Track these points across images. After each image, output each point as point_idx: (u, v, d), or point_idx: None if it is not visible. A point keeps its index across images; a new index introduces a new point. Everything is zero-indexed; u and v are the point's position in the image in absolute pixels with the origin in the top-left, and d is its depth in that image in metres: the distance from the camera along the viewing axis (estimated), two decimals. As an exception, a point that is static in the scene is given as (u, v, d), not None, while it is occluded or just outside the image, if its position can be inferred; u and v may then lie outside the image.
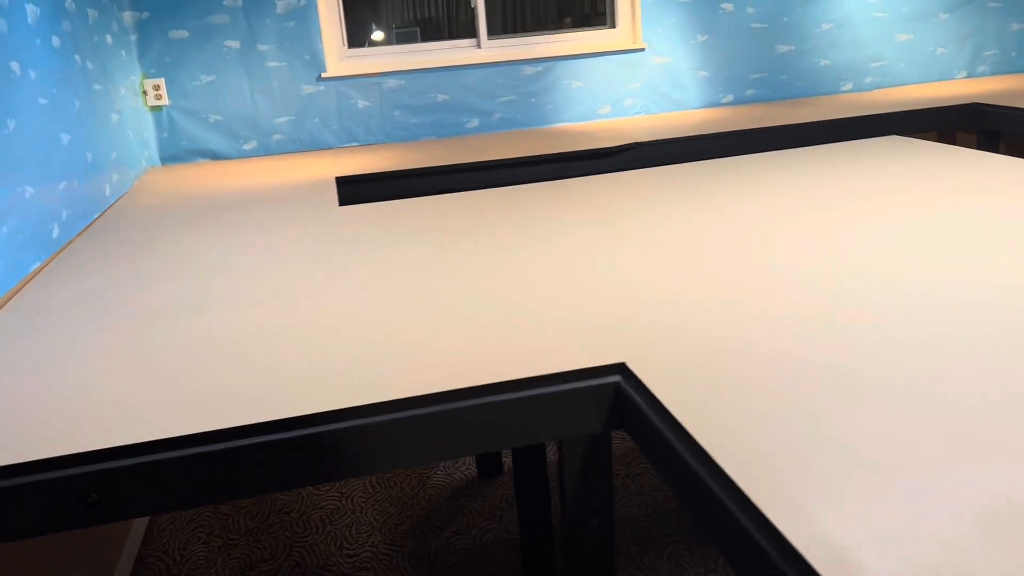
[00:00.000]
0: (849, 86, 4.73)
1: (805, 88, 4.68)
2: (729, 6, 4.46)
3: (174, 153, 4.07)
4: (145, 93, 3.97)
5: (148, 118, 4.00)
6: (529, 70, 4.32)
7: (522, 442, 1.40)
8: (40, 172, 2.48)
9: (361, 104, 4.19)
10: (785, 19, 4.55)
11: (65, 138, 2.74)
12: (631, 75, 4.44)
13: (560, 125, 4.40)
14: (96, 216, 2.95)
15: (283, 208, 2.86)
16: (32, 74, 2.55)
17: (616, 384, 1.40)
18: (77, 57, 3.03)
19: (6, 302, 2.07)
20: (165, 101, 4.00)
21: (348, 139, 4.22)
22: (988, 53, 4.86)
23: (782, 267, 1.85)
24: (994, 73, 4.90)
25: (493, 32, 4.36)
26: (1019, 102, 3.87)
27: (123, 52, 3.74)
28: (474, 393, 1.38)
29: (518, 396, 1.39)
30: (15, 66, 2.42)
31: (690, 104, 4.55)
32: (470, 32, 4.36)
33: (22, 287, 2.18)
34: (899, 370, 1.31)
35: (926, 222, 2.11)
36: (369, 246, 2.26)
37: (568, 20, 4.57)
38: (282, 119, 4.13)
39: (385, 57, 4.26)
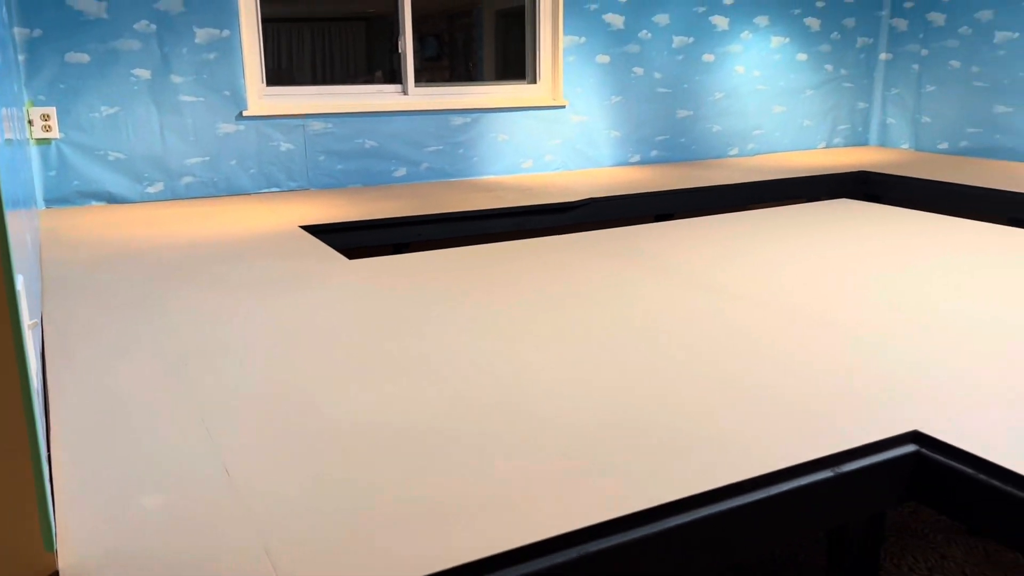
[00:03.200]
0: (735, 151, 4.87)
1: (699, 151, 4.76)
2: (640, 70, 4.45)
3: (62, 195, 3.35)
4: (31, 123, 3.24)
5: (32, 152, 3.27)
6: (458, 120, 4.04)
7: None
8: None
9: (284, 147, 3.69)
10: (686, 86, 4.61)
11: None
12: (552, 131, 4.28)
13: (487, 177, 4.14)
14: None
15: (273, 260, 2.37)
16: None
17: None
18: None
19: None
20: (55, 134, 3.28)
21: (267, 184, 3.70)
22: (842, 127, 5.22)
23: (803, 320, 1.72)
24: (846, 144, 5.27)
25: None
26: (888, 169, 4.15)
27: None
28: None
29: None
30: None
31: (603, 162, 4.47)
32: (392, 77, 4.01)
33: None
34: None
35: (895, 274, 2.09)
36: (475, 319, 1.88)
37: (379, 73, 4.35)
38: (195, 160, 3.54)
39: (310, 98, 3.79)
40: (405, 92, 3.98)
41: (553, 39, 4.21)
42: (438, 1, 4.32)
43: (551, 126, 4.26)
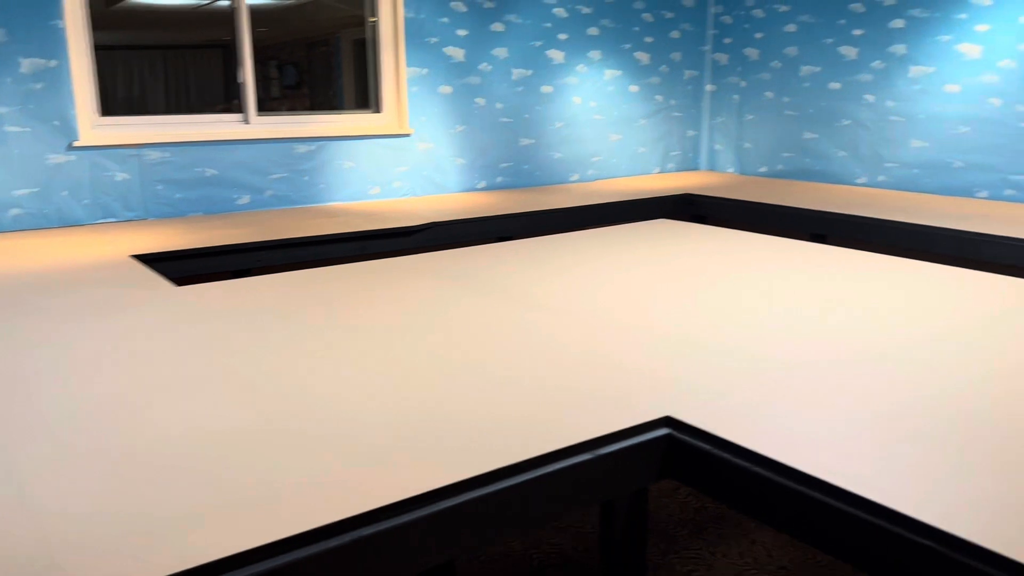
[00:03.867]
0: (576, 176, 5.12)
1: (543, 177, 4.97)
2: (482, 101, 4.63)
3: None
4: None
5: None
6: (302, 148, 4.07)
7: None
8: None
9: (119, 176, 3.62)
10: (527, 115, 4.83)
11: None
12: (399, 159, 4.39)
13: (334, 204, 4.19)
14: None
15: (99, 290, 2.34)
16: None
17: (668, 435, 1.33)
18: None
19: None
20: None
21: (103, 215, 3.61)
22: (674, 153, 5.59)
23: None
24: (678, 169, 5.64)
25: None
26: (712, 192, 4.49)
27: None
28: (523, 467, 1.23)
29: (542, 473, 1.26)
30: None
31: (450, 188, 4.60)
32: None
33: None
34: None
35: (712, 287, 2.34)
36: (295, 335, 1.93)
37: (236, 101, 4.40)
38: (22, 191, 3.42)
39: (146, 128, 3.74)
40: (247, 121, 3.98)
41: (396, 70, 4.32)
42: (297, 29, 4.36)
43: (398, 153, 4.37)
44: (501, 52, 4.63)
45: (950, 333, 1.91)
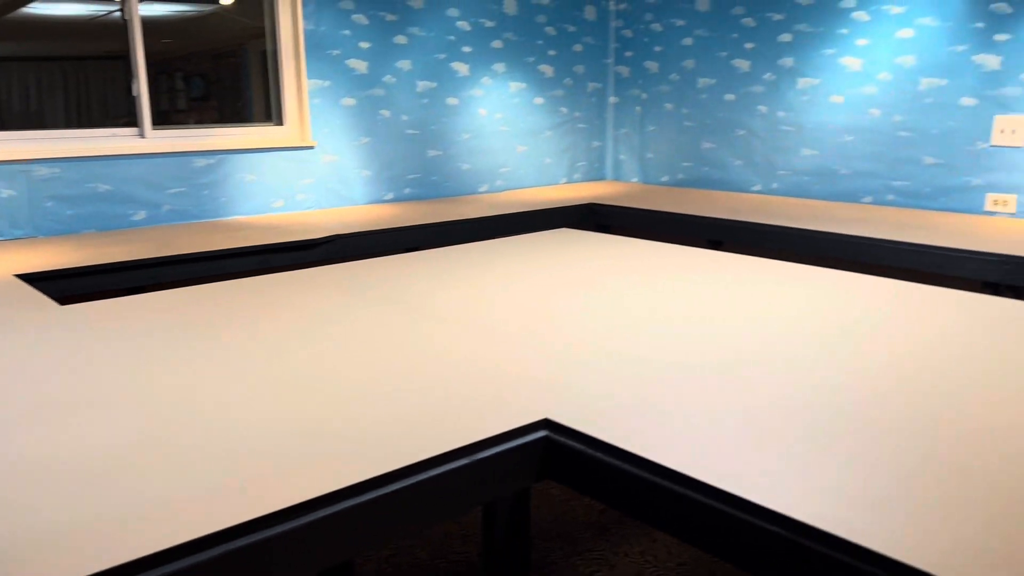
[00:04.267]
0: (486, 187, 5.17)
1: (452, 188, 5.00)
2: (387, 112, 4.63)
3: None
4: None
5: None
6: (201, 162, 3.99)
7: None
8: None
9: (5, 193, 3.48)
10: (434, 127, 4.85)
11: None
12: (303, 171, 4.35)
13: (235, 218, 4.12)
14: None
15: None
16: None
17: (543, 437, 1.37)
18: None
19: None
20: None
21: (-13, 233, 3.46)
22: (580, 163, 5.70)
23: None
24: (585, 180, 5.75)
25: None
26: (617, 201, 4.61)
27: None
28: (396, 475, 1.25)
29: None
30: None
31: (357, 200, 4.58)
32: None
33: None
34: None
35: (606, 294, 2.42)
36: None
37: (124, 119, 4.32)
38: None
39: (35, 143, 3.60)
40: (142, 135, 3.88)
41: (297, 82, 4.29)
42: (203, 41, 4.27)
43: (301, 166, 4.33)
44: (405, 64, 4.64)
45: (828, 334, 2.02)
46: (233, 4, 4.26)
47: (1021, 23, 3.81)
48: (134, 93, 3.87)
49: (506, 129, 5.20)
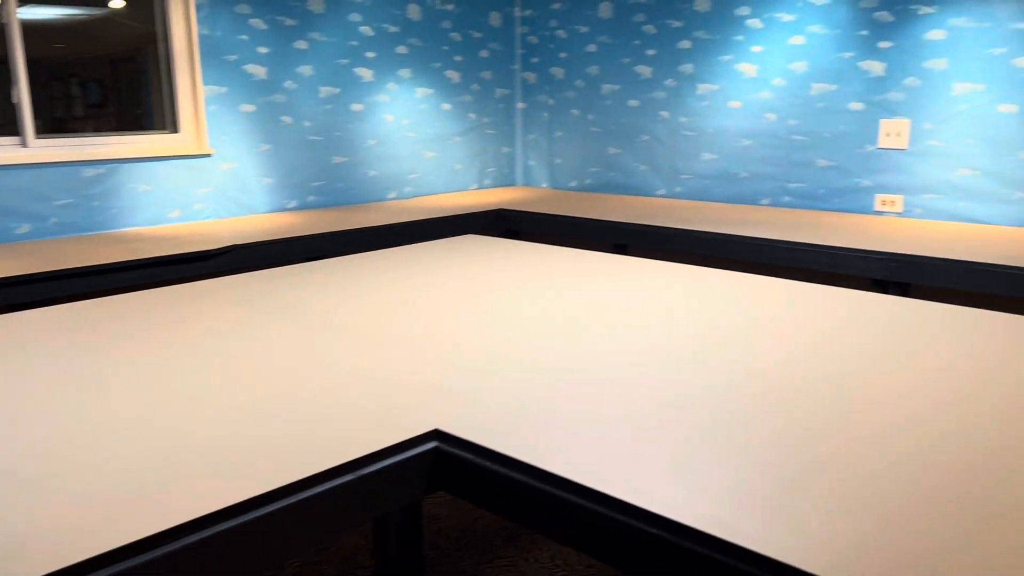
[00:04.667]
0: (394, 194, 5.12)
1: (358, 195, 4.93)
2: (288, 119, 4.53)
3: None
4: None
5: None
6: (90, 172, 3.82)
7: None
8: None
9: None
10: (338, 134, 4.77)
11: None
12: (200, 180, 4.21)
13: (128, 229, 3.95)
14: None
15: None
16: None
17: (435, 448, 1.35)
18: None
19: None
20: None
21: None
22: (490, 169, 5.70)
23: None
24: (495, 185, 5.76)
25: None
26: (527, 207, 4.63)
27: None
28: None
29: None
30: None
31: (259, 208, 4.47)
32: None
33: None
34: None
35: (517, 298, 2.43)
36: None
37: (38, 122, 4.15)
38: None
39: (-99, 152, 3.38)
40: (24, 144, 3.69)
41: (192, 88, 4.16)
42: (98, 45, 4.08)
43: (198, 174, 4.19)
44: (306, 70, 4.56)
45: (722, 335, 2.06)
46: (124, 8, 4.10)
47: (902, 31, 4.00)
48: (14, 100, 3.68)
49: (413, 135, 5.16)
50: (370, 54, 4.84)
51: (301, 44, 4.51)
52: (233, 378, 1.70)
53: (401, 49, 4.99)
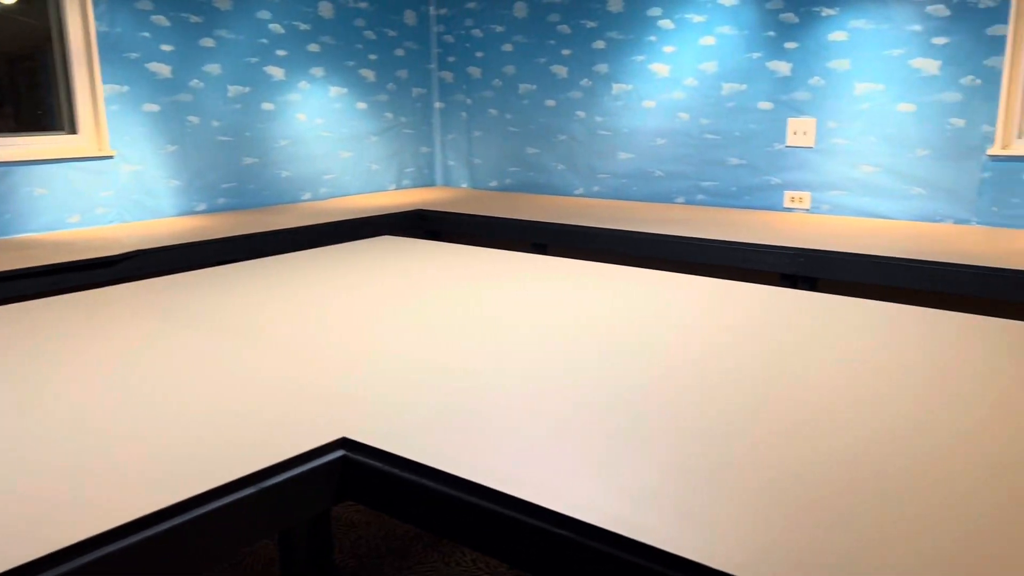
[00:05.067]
0: (308, 195, 5.01)
1: (271, 197, 4.81)
2: (195, 119, 4.39)
3: None
4: None
5: None
6: (-21, 175, 3.62)
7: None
8: None
9: None
10: (248, 134, 4.65)
11: None
12: (102, 183, 4.03)
13: (23, 236, 3.76)
14: None
15: None
16: None
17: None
18: None
19: None
20: None
21: None
22: (409, 169, 5.65)
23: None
24: (414, 186, 5.71)
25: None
26: (446, 207, 4.61)
27: None
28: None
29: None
30: None
31: (165, 212, 4.31)
32: None
33: None
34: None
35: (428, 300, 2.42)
36: None
37: None
38: None
39: None
40: (-95, 145, 3.47)
41: (91, 88, 3.98)
42: None
43: (100, 177, 4.02)
44: (213, 68, 4.42)
45: (638, 334, 2.08)
46: (15, 3, 3.89)
47: (806, 32, 4.13)
48: None
49: (328, 135, 5.06)
50: (281, 52, 4.72)
51: (207, 42, 4.37)
52: (132, 388, 1.62)
53: (313, 47, 4.89)
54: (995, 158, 3.73)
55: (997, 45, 3.64)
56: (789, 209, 4.33)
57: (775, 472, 1.26)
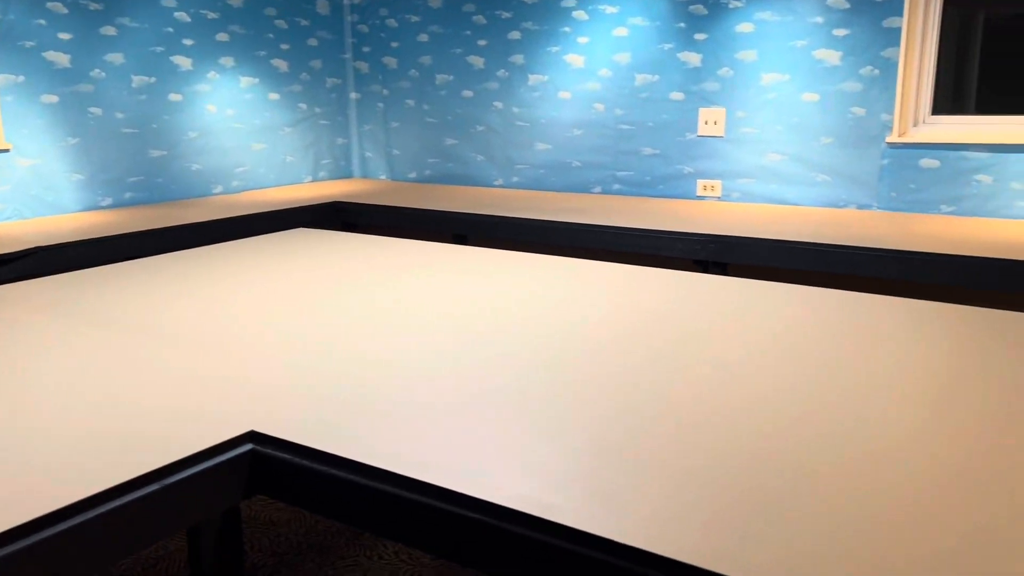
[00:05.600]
0: (220, 189, 4.89)
1: (181, 191, 4.67)
2: (98, 111, 4.22)
3: None
4: None
5: None
6: None
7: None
8: None
9: None
10: (155, 126, 4.50)
11: None
12: (-4, 177, 3.85)
13: (-89, 234, 3.56)
14: None
15: None
16: None
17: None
18: None
19: None
20: None
21: None
22: (325, 161, 5.56)
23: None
24: (331, 178, 5.62)
25: None
26: (364, 199, 4.56)
27: None
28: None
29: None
30: None
31: (68, 207, 4.14)
32: None
33: None
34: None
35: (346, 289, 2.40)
36: None
37: None
38: None
39: None
40: None
41: (-18, 77, 3.79)
42: None
43: (-6, 172, 3.83)
44: (116, 58, 4.26)
45: (552, 320, 2.10)
46: None
47: (715, 24, 4.23)
48: None
49: (240, 126, 4.94)
50: (188, 41, 4.58)
51: (109, 30, 4.21)
52: (32, 386, 1.56)
53: (222, 36, 4.76)
54: (893, 145, 3.90)
55: (893, 37, 3.81)
56: (701, 197, 4.44)
57: (687, 452, 1.30)
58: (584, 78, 4.68)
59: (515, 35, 4.87)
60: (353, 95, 5.65)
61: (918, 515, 1.09)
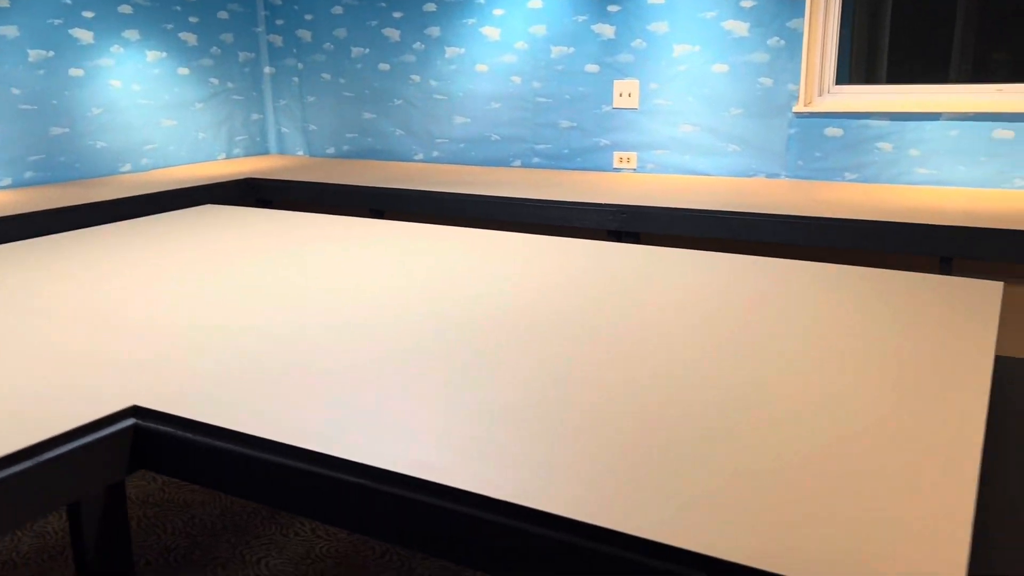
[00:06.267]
0: (128, 167, 4.73)
1: (86, 169, 4.51)
2: (-8, 85, 4.03)
3: None
4: None
5: None
6: None
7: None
8: None
9: None
10: (55, 102, 4.32)
11: None
12: None
13: None
14: None
15: None
16: None
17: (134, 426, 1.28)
18: None
19: None
20: None
21: None
22: (240, 137, 5.43)
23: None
24: (246, 154, 5.50)
25: None
26: (280, 175, 4.48)
27: None
28: None
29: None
30: None
31: (-38, 188, 3.96)
32: None
33: None
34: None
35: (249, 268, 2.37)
36: None
37: None
38: None
39: None
40: None
41: None
42: None
43: None
44: (10, 31, 4.07)
45: (462, 290, 2.11)
46: None
47: (628, -3, 4.27)
48: None
49: (147, 102, 4.79)
50: (88, 13, 4.40)
51: (1, 1, 4.01)
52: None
53: (125, 8, 4.59)
54: (800, 115, 4.01)
55: (798, 8, 3.90)
56: (618, 169, 4.49)
57: (600, 413, 1.32)
58: (501, 51, 4.66)
59: (431, 7, 4.82)
60: (267, 69, 5.52)
61: (818, 472, 1.14)
